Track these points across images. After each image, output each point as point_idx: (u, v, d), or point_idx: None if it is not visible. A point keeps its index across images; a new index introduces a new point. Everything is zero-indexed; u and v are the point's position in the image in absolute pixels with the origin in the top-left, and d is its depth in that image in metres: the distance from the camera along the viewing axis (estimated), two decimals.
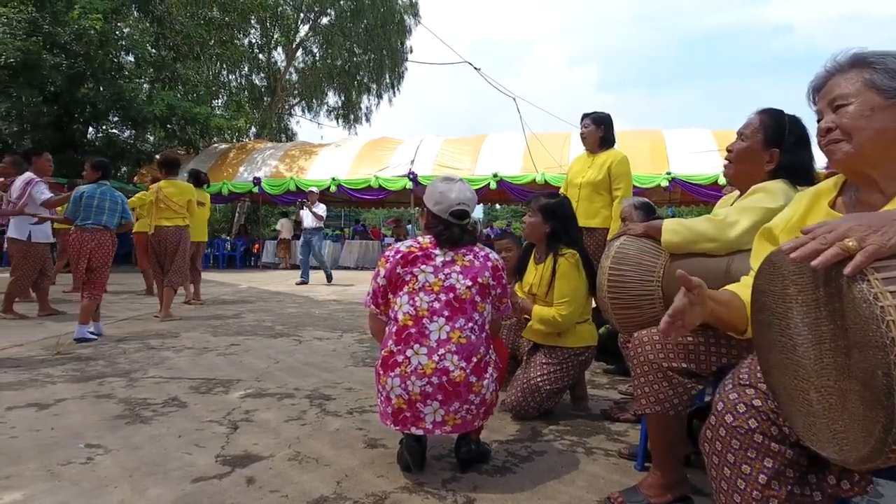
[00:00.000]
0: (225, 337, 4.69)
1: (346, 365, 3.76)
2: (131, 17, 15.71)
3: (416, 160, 13.51)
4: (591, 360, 2.88)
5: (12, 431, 2.45)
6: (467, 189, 2.16)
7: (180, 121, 15.03)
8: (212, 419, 2.62)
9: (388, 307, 2.07)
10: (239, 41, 18.62)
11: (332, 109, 22.03)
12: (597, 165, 4.03)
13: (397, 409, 1.94)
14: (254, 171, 14.41)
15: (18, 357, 3.88)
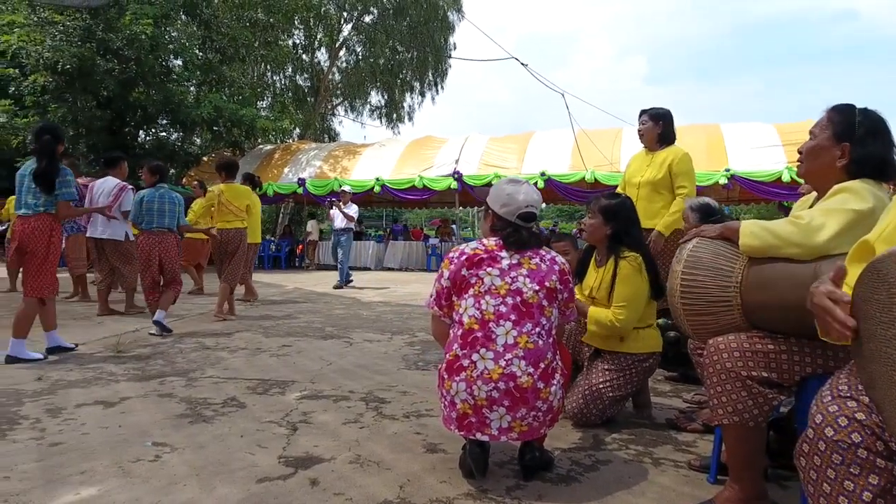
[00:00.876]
0: (276, 338, 4.82)
1: (398, 368, 3.81)
2: (179, 21, 16.33)
3: (460, 159, 13.54)
4: (656, 367, 2.83)
5: (83, 428, 2.58)
6: (534, 191, 2.16)
7: (227, 123, 15.49)
8: (271, 420, 2.70)
9: (452, 310, 2.08)
10: (283, 42, 19.07)
11: (375, 109, 22.33)
12: (656, 163, 3.94)
13: (462, 413, 1.96)
14: (298, 171, 14.74)
15: (82, 355, 4.09)
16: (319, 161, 15.07)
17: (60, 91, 13.90)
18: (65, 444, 2.38)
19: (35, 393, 3.12)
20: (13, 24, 13.62)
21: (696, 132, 12.66)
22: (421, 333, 5.13)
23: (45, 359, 3.93)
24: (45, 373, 3.56)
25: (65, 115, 13.87)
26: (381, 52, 19.93)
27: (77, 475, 2.08)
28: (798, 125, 11.93)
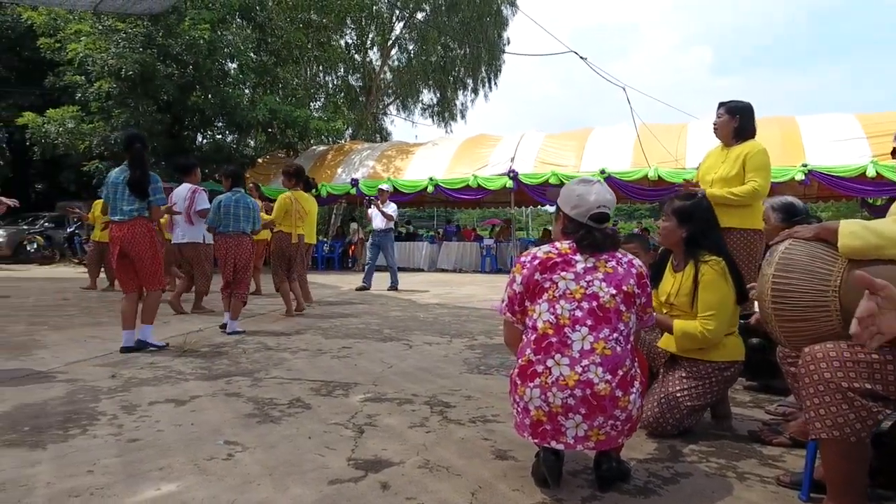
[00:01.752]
0: (336, 339, 4.93)
1: (460, 371, 3.83)
2: (234, 24, 16.95)
3: (516, 157, 13.48)
4: (738, 376, 2.73)
5: (157, 425, 2.71)
6: (606, 191, 2.12)
7: (281, 124, 15.96)
8: (337, 422, 2.76)
9: (525, 315, 2.08)
10: (335, 42, 19.50)
11: (427, 107, 22.55)
12: (731, 159, 3.81)
13: (536, 421, 1.95)
14: (351, 172, 15.02)
15: (151, 354, 4.30)
16: (372, 161, 15.32)
17: (123, 97, 14.66)
18: (142, 440, 2.51)
19: (110, 390, 3.30)
20: (80, 33, 14.46)
21: (769, 125, 12.14)
22: (481, 337, 5.14)
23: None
24: (118, 370, 3.76)
25: (127, 119, 14.61)
26: (434, 49, 20.10)
27: (156, 471, 2.18)
28: (885, 115, 11.30)
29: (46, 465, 2.22)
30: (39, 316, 6.16)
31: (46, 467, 2.20)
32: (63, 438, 2.51)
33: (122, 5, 9.74)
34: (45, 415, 2.84)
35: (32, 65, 18.07)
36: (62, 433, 2.58)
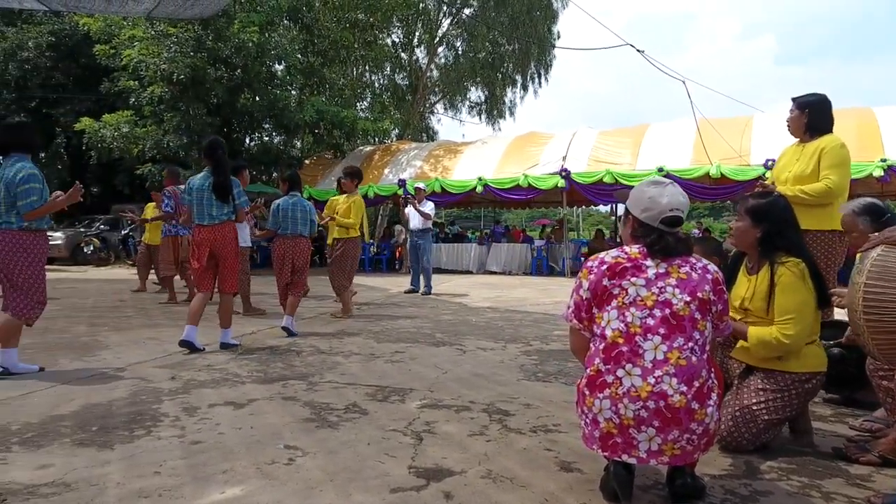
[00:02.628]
0: (388, 343, 4.99)
1: (517, 378, 3.81)
2: (282, 26, 17.38)
3: (568, 155, 13.33)
4: (819, 388, 2.63)
5: (218, 428, 2.81)
6: (679, 193, 2.08)
7: (328, 125, 16.26)
8: (395, 428, 2.79)
9: (593, 322, 2.05)
10: (382, 41, 19.74)
11: (475, 105, 22.58)
12: (806, 156, 3.67)
13: (606, 433, 1.92)
14: (398, 172, 15.17)
15: (208, 356, 4.45)
16: (420, 161, 15.43)
17: (174, 100, 15.25)
18: (204, 442, 2.60)
19: (171, 391, 3.44)
20: (133, 39, 15.12)
21: (843, 118, 11.51)
22: (536, 342, 5.10)
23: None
24: (177, 372, 3.91)
25: (178, 123, 15.19)
26: (482, 45, 20.10)
27: (220, 474, 2.26)
28: None
29: (116, 466, 2.32)
30: (100, 317, 6.47)
31: (116, 467, 2.31)
32: (129, 439, 2.63)
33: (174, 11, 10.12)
34: (111, 415, 2.98)
35: (89, 71, 19.00)
36: (128, 434, 2.70)
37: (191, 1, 9.15)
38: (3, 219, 3.74)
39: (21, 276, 3.76)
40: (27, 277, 3.78)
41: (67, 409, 3.08)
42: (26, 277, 3.77)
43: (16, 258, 3.74)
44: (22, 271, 3.76)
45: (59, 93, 19.90)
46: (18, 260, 3.75)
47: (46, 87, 19.84)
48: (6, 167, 3.78)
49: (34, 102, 19.88)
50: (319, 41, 17.02)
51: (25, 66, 19.47)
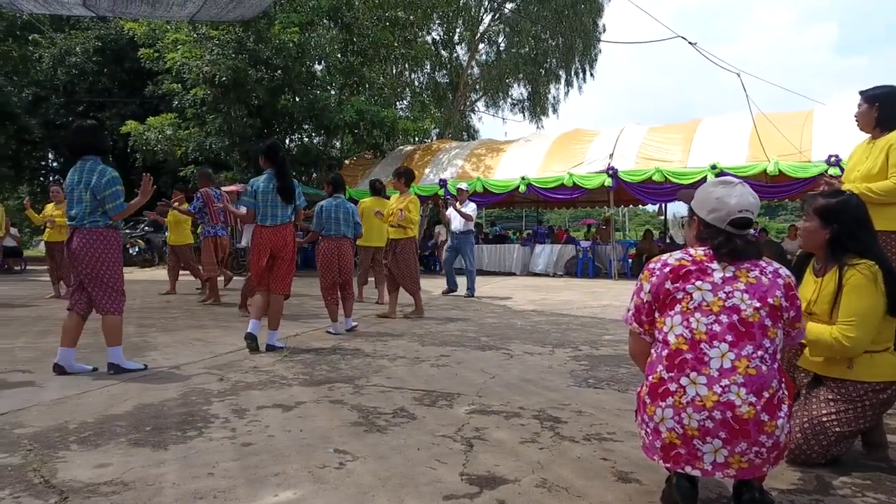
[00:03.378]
0: (433, 347, 5.01)
1: (567, 384, 3.78)
2: (321, 26, 17.66)
3: (615, 153, 13.16)
4: (894, 399, 2.52)
5: (268, 430, 2.87)
6: (749, 193, 2.02)
7: (367, 125, 16.43)
8: (444, 434, 2.81)
9: (654, 326, 2.02)
10: (421, 39, 19.85)
11: (517, 102, 22.47)
12: (875, 152, 3.52)
13: (669, 443, 1.89)
14: (439, 172, 15.23)
15: (253, 358, 4.55)
16: (461, 160, 15.45)
17: (216, 102, 15.67)
18: (255, 444, 2.66)
19: (220, 393, 3.53)
20: (177, 42, 15.60)
21: None
22: (585, 347, 5.05)
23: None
24: (225, 374, 4.01)
25: (220, 125, 15.61)
26: (525, 40, 19.98)
27: (272, 476, 2.31)
28: None
29: (171, 466, 2.40)
30: (147, 318, 6.70)
31: (171, 468, 2.38)
32: (182, 440, 2.71)
33: (216, 14, 10.41)
34: (163, 416, 3.08)
35: (133, 75, 19.71)
36: (180, 434, 2.79)
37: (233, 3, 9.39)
38: (88, 218, 3.97)
39: (108, 271, 4.02)
40: (113, 272, 4.06)
41: (122, 408, 3.19)
42: (112, 272, 4.05)
43: (105, 254, 4.01)
44: (109, 267, 4.03)
45: (106, 97, 20.68)
46: (106, 256, 4.02)
47: (93, 92, 20.65)
48: (85, 171, 3.99)
49: (82, 107, 20.72)
50: (359, 40, 17.21)
51: (73, 71, 20.33)
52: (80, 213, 3.96)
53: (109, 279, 4.03)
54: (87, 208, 3.95)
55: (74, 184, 3.98)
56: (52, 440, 2.69)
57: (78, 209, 3.97)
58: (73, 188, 3.99)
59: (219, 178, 15.33)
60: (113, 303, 4.06)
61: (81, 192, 3.95)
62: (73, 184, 3.99)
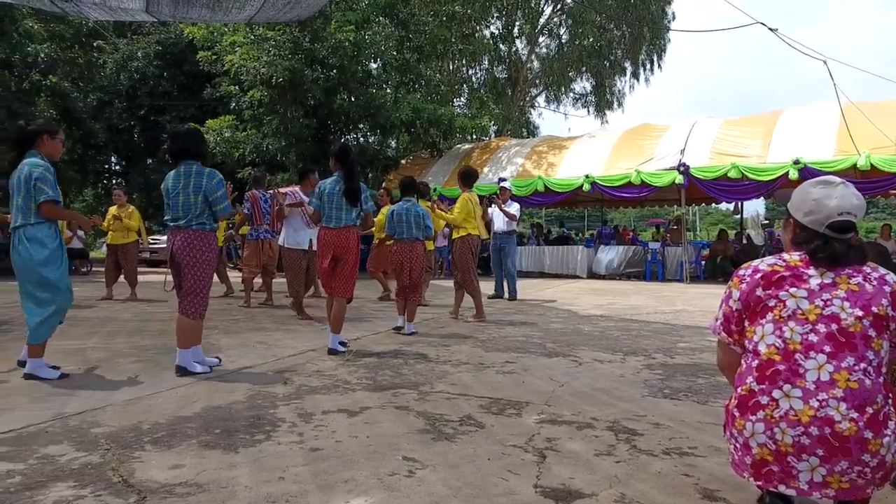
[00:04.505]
0: (497, 353, 5.02)
1: (642, 395, 3.72)
2: (377, 23, 17.94)
3: (686, 149, 12.83)
4: None
5: (335, 435, 2.95)
6: (853, 194, 1.94)
7: (424, 123, 16.60)
8: (514, 444, 2.81)
9: (744, 336, 1.97)
10: (479, 33, 19.90)
11: (580, 96, 22.25)
12: None
13: (760, 460, 1.84)
14: (499, 171, 15.22)
15: (316, 362, 4.68)
16: (521, 158, 15.40)
17: (273, 104, 16.15)
18: (323, 450, 2.74)
19: (285, 396, 3.65)
20: (234, 44, 16.17)
21: None
22: (658, 355, 4.96)
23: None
24: (289, 377, 4.14)
25: (277, 126, 16.07)
26: (589, 31, 19.75)
27: (342, 483, 2.37)
28: None
29: (242, 469, 2.50)
30: (210, 320, 6.92)
31: (243, 471, 2.48)
32: (251, 443, 2.82)
33: (273, 15, 10.72)
34: (231, 418, 3.20)
35: (192, 78, 20.55)
36: (249, 437, 2.89)
37: (290, 4, 9.66)
38: (196, 221, 4.19)
39: (203, 274, 4.22)
40: (206, 276, 4.25)
41: (191, 410, 3.34)
42: (206, 276, 4.24)
43: (205, 257, 4.21)
44: (205, 270, 4.23)
45: (165, 100, 21.64)
46: (206, 259, 4.22)
47: (154, 95, 21.65)
48: (192, 174, 4.21)
49: (143, 110, 21.77)
50: (415, 37, 17.42)
51: (135, 76, 21.38)
52: (189, 216, 4.18)
53: (202, 282, 4.21)
54: (196, 210, 4.17)
55: (181, 188, 4.20)
56: (127, 440, 2.85)
57: (185, 211, 4.18)
58: (178, 192, 4.20)
59: (275, 180, 15.83)
60: (197, 307, 4.22)
61: (190, 195, 4.16)
62: (179, 188, 4.21)
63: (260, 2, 8.52)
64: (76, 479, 2.37)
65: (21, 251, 3.94)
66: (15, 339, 5.55)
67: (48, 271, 3.94)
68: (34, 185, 3.92)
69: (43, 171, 3.96)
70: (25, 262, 3.93)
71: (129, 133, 22.82)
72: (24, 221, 3.95)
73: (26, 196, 3.94)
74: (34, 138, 4.08)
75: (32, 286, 3.96)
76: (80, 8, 8.70)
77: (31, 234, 3.94)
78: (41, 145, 4.09)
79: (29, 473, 2.42)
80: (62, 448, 2.72)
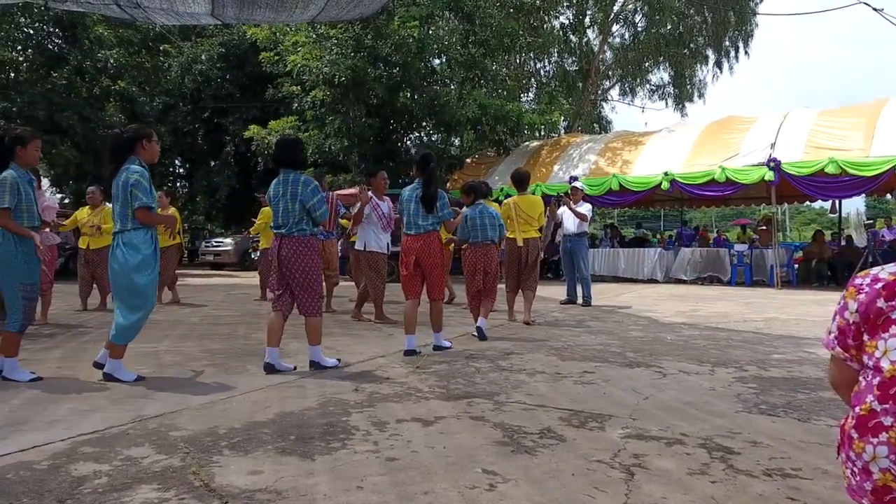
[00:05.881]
0: (574, 362, 4.98)
1: (735, 410, 3.61)
2: (441, 18, 18.07)
3: (777, 142, 12.35)
4: None
5: (411, 445, 2.99)
6: None
7: (490, 120, 16.58)
8: (599, 459, 2.78)
9: (862, 351, 1.89)
10: (548, 24, 19.75)
11: (656, 88, 21.76)
12: None
13: (882, 486, 1.75)
14: (570, 168, 15.08)
15: (386, 368, 4.76)
16: (594, 155, 15.20)
17: (335, 103, 16.52)
18: (399, 459, 2.79)
19: (357, 404, 3.73)
20: (297, 44, 16.63)
21: None
22: (751, 367, 4.79)
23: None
24: (359, 384, 4.23)
25: (339, 126, 16.43)
26: (667, 18, 19.29)
27: (422, 495, 2.41)
28: None
29: (320, 477, 2.57)
30: None
31: (321, 479, 2.55)
32: (327, 451, 2.89)
33: (337, 14, 11.01)
34: (305, 425, 3.30)
35: (254, 79, 21.28)
36: (324, 445, 2.97)
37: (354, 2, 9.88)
38: (296, 227, 4.56)
39: (314, 276, 4.60)
40: (316, 277, 4.64)
41: (265, 416, 3.46)
42: (316, 277, 4.63)
43: (312, 260, 4.59)
44: (314, 272, 4.61)
45: (228, 102, 22.50)
46: (313, 262, 4.60)
47: (217, 98, 22.55)
48: (290, 182, 4.57)
49: (206, 113, 22.71)
50: (481, 30, 17.44)
51: (199, 79, 22.34)
52: (289, 223, 4.55)
53: (314, 283, 4.61)
54: (296, 217, 4.54)
55: (280, 195, 4.57)
56: (205, 444, 2.98)
57: (285, 219, 4.56)
58: (278, 199, 4.58)
59: (338, 181, 16.20)
60: (316, 305, 4.65)
61: (289, 202, 4.53)
62: (279, 195, 4.58)
63: (323, 1, 8.76)
64: (160, 481, 2.50)
65: (118, 255, 4.22)
66: (90, 342, 5.91)
67: (139, 276, 4.19)
68: (130, 191, 4.18)
69: (138, 177, 4.21)
70: (121, 266, 4.20)
71: (192, 136, 23.85)
72: (122, 227, 4.24)
73: (124, 202, 4.22)
74: (133, 145, 4.35)
75: (124, 290, 4.22)
76: (147, 14, 9.17)
77: (128, 239, 4.22)
78: (140, 151, 4.37)
79: (114, 475, 2.57)
80: (144, 450, 2.87)
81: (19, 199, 4.23)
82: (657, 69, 21.20)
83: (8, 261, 4.18)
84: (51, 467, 2.65)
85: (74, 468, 2.64)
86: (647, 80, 21.52)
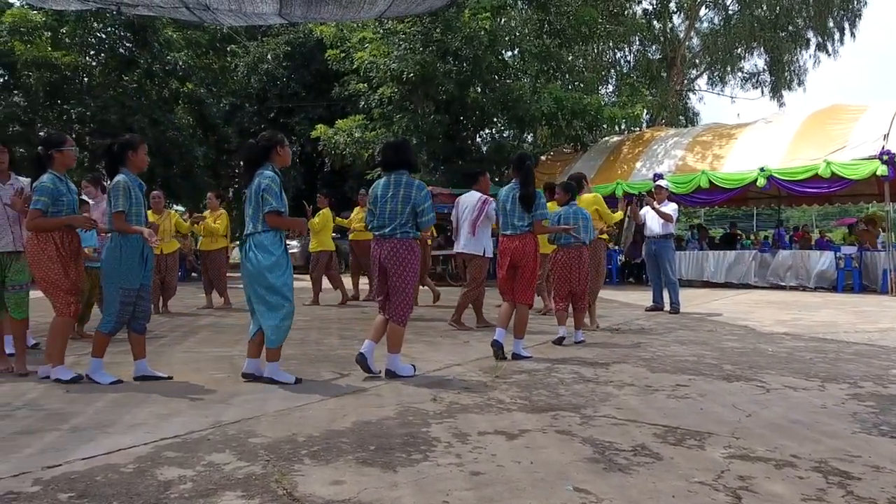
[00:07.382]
0: (665, 374, 4.87)
1: (853, 430, 3.45)
2: (514, 8, 18.02)
3: (891, 133, 11.73)
4: None
5: (495, 459, 2.99)
6: None
7: (566, 115, 16.38)
8: (701, 480, 2.71)
9: None
10: (629, 11, 19.40)
11: (750, 76, 21.03)
12: None
13: None
14: (654, 165, 14.77)
15: (464, 377, 4.79)
16: (681, 150, 14.84)
17: (403, 100, 16.72)
18: (485, 474, 2.79)
19: (436, 414, 3.76)
20: (364, 41, 16.94)
21: None
22: (867, 383, 4.56)
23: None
24: (437, 393, 4.27)
25: (408, 124, 16.60)
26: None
27: None
28: None
29: (404, 490, 2.61)
30: (347, 329, 7.35)
31: (405, 491, 2.59)
32: (409, 462, 2.94)
33: (405, 9, 11.15)
34: (384, 435, 3.36)
35: (320, 77, 21.81)
36: (406, 457, 3.02)
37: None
38: (401, 230, 4.73)
39: (410, 281, 4.75)
40: (412, 282, 4.78)
41: (343, 424, 3.54)
42: (412, 282, 4.78)
43: (412, 264, 4.74)
44: (412, 277, 4.75)
45: (294, 101, 23.13)
46: (413, 266, 4.75)
47: (283, 97, 23.23)
48: (402, 185, 4.76)
49: (272, 113, 23.41)
50: (557, 19, 17.31)
51: (264, 78, 23.06)
52: (393, 224, 4.73)
53: (407, 288, 4.75)
54: (402, 220, 4.72)
55: (389, 196, 4.76)
56: (284, 452, 3.07)
57: (390, 220, 4.74)
58: (386, 200, 4.77)
59: None
60: (405, 313, 4.79)
61: (398, 204, 4.72)
62: (388, 196, 4.77)
63: None
64: (243, 488, 2.60)
65: (251, 257, 4.52)
66: (164, 346, 6.21)
67: (273, 277, 4.47)
68: (262, 195, 4.46)
69: (269, 182, 4.47)
70: (255, 268, 4.49)
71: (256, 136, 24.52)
72: (253, 230, 4.54)
73: (255, 206, 4.51)
74: (268, 153, 4.65)
75: (262, 290, 4.50)
76: (216, 15, 9.56)
77: (259, 241, 4.51)
78: (275, 157, 4.66)
79: (199, 480, 2.69)
80: (225, 456, 2.99)
81: (130, 202, 4.55)
82: (750, 55, 20.51)
83: (112, 264, 4.51)
84: (136, 471, 2.80)
85: (160, 472, 2.77)
86: (739, 67, 20.81)
